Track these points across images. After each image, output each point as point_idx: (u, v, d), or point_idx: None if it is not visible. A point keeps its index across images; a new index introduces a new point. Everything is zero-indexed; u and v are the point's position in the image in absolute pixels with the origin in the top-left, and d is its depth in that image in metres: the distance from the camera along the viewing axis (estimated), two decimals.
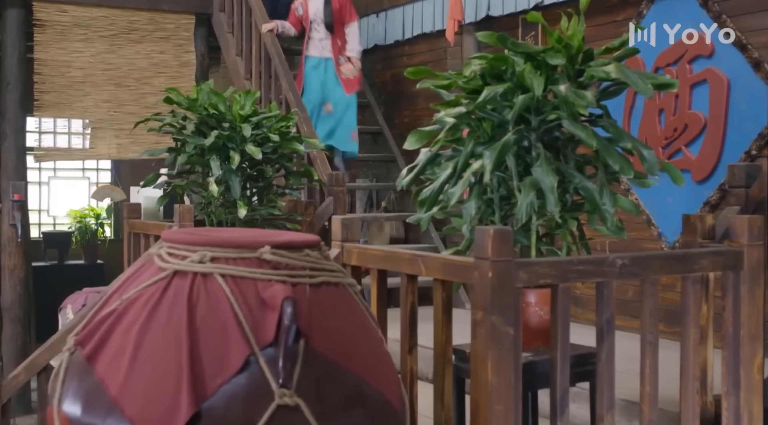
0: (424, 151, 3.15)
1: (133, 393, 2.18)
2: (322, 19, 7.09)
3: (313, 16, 7.16)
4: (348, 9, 7.17)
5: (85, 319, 2.44)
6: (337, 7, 7.12)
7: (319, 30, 7.11)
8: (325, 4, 7.10)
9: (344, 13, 7.17)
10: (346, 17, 7.18)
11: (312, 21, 7.15)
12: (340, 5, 7.13)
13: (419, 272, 2.80)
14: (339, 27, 7.15)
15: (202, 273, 2.28)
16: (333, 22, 7.12)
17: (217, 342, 2.20)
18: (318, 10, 7.14)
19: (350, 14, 7.20)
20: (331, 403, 2.23)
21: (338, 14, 7.12)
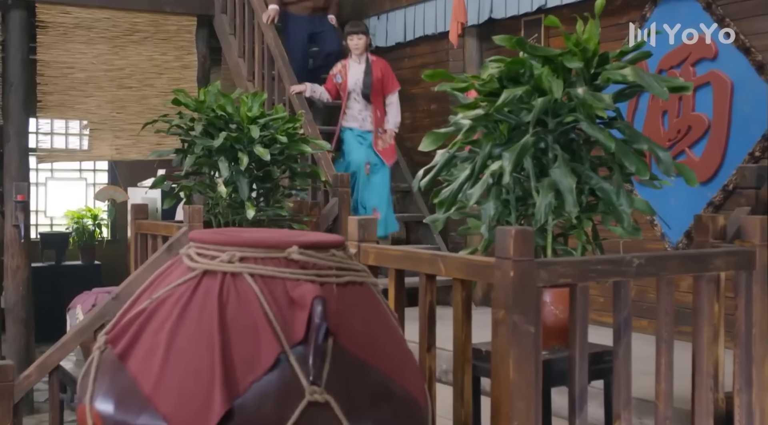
0: (441, 153, 3.20)
1: (167, 391, 2.21)
2: (362, 89, 6.76)
3: (352, 86, 6.81)
4: (390, 79, 6.85)
5: (115, 318, 2.47)
6: (378, 76, 6.80)
7: (359, 100, 6.79)
8: (365, 73, 6.77)
9: (386, 83, 6.84)
10: (387, 87, 6.86)
11: (351, 91, 6.81)
12: (381, 75, 6.82)
13: (439, 272, 2.84)
14: (379, 98, 6.82)
15: (232, 272, 2.32)
16: (372, 93, 6.79)
17: (248, 340, 2.24)
18: (358, 80, 6.79)
19: (392, 84, 6.88)
20: (360, 400, 2.27)
21: (379, 84, 6.78)
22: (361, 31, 6.81)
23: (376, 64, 6.84)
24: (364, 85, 6.72)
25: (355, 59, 6.83)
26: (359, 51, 6.79)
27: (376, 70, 6.80)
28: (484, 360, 3.17)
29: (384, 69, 6.84)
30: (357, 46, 6.77)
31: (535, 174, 2.87)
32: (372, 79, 6.76)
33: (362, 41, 6.78)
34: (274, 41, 6.82)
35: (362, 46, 6.79)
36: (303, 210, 5.61)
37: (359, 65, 6.80)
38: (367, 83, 6.73)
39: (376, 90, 6.79)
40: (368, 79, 6.74)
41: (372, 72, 6.78)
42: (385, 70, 6.84)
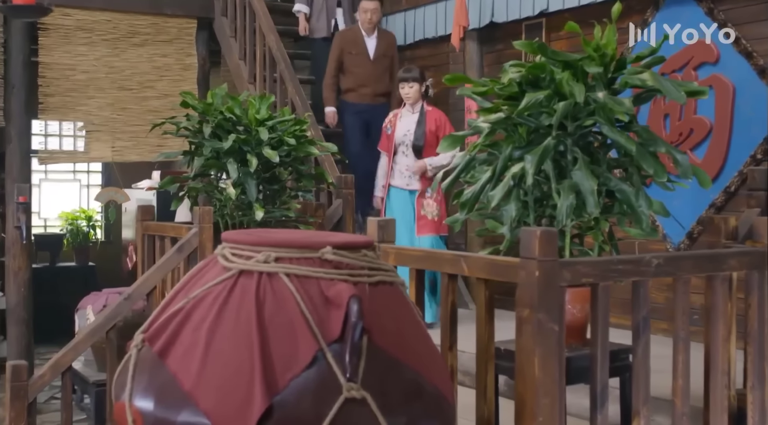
0: (460, 155, 3.26)
1: (207, 387, 2.27)
2: (411, 141, 6.08)
3: (400, 138, 6.13)
4: (447, 131, 5.99)
5: (150, 317, 2.52)
6: (432, 129, 6.06)
7: (407, 155, 6.11)
8: (417, 124, 6.08)
9: (442, 135, 5.84)
10: None
11: (399, 144, 6.14)
12: (436, 126, 6.08)
13: (461, 271, 2.90)
14: (431, 152, 6.01)
15: (268, 272, 2.38)
16: (426, 147, 6.06)
17: (286, 338, 2.29)
18: (408, 131, 6.10)
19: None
20: (394, 397, 2.33)
21: (433, 138, 6.00)
22: (413, 78, 6.11)
23: (431, 115, 6.13)
24: (416, 136, 6.04)
25: (408, 109, 6.18)
26: (411, 100, 6.13)
27: (431, 121, 6.08)
28: (502, 358, 3.25)
29: (440, 120, 6.12)
30: (408, 95, 6.12)
31: (555, 176, 2.93)
32: (425, 130, 6.05)
33: (413, 89, 6.11)
34: (276, 44, 6.87)
35: (414, 94, 6.12)
36: (308, 211, 5.67)
37: (412, 115, 6.14)
38: (419, 135, 6.04)
39: (429, 143, 6.01)
40: (420, 129, 6.05)
41: (426, 122, 6.07)
42: (441, 121, 6.13)
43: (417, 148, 6.03)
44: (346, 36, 7.17)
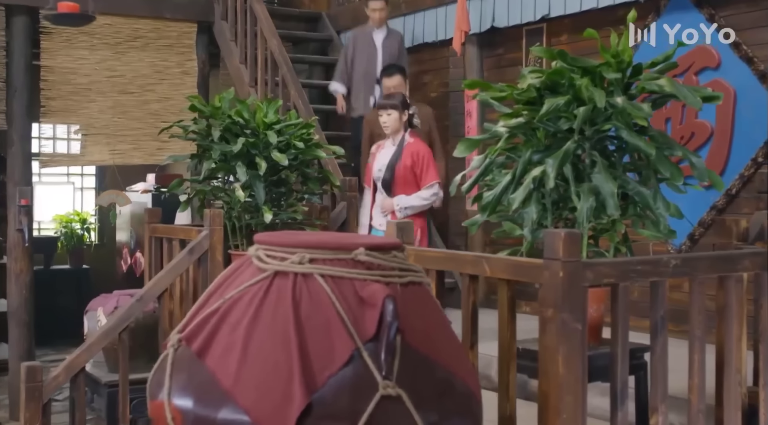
0: (477, 158, 3.33)
1: (247, 385, 2.33)
2: (382, 177, 5.46)
3: (376, 173, 5.50)
4: (425, 167, 5.36)
5: (186, 318, 2.58)
6: (408, 163, 5.37)
7: (382, 192, 5.53)
8: (392, 156, 5.42)
9: (420, 172, 5.35)
10: (422, 177, 5.38)
11: (376, 179, 5.52)
12: (413, 161, 5.37)
13: (483, 272, 2.97)
14: (406, 189, 5.40)
15: (303, 273, 2.44)
16: (396, 183, 5.40)
17: (323, 337, 2.36)
18: (383, 166, 5.46)
19: (428, 174, 5.37)
20: (426, 394, 2.40)
21: (408, 173, 5.37)
22: (391, 105, 5.41)
23: (409, 148, 5.40)
24: (385, 170, 5.39)
25: (390, 140, 5.51)
26: (390, 129, 5.43)
27: (407, 155, 5.35)
28: (520, 357, 3.31)
29: (418, 154, 5.36)
30: (386, 124, 5.43)
31: (573, 179, 3.01)
32: (399, 164, 5.36)
33: (392, 117, 5.40)
34: (278, 48, 6.92)
35: (392, 123, 5.41)
36: (313, 213, 5.73)
37: (392, 147, 5.48)
38: (389, 169, 5.37)
39: (403, 180, 5.37)
40: (392, 163, 5.37)
41: (401, 156, 5.36)
42: (421, 155, 5.36)
43: (385, 183, 5.36)
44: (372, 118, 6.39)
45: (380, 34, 7.09)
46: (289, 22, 8.47)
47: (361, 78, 7.07)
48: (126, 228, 11.32)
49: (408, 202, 5.35)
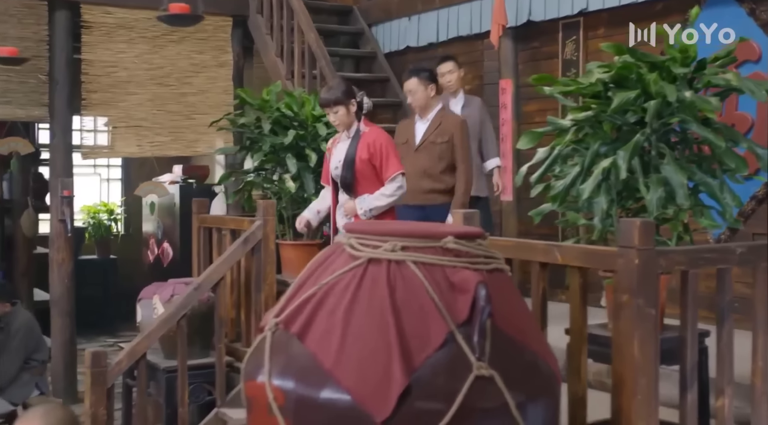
0: (542, 150, 3.45)
1: (348, 366, 2.45)
2: (340, 173, 4.79)
3: (334, 170, 4.83)
4: (386, 157, 4.72)
5: (280, 304, 2.70)
6: (364, 156, 4.72)
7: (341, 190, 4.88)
8: (346, 152, 4.76)
9: (380, 164, 4.72)
10: (383, 169, 4.73)
11: (335, 177, 4.84)
12: (370, 153, 4.72)
13: (554, 260, 3.09)
14: (368, 185, 4.74)
15: (396, 260, 2.56)
16: (358, 180, 4.74)
17: (418, 321, 2.48)
18: (340, 161, 4.79)
19: (390, 164, 4.72)
20: (515, 374, 2.51)
21: (366, 167, 4.73)
22: (334, 101, 4.74)
23: (364, 139, 4.74)
24: (343, 168, 4.73)
25: (346, 132, 4.84)
26: (340, 127, 4.84)
27: (362, 148, 4.71)
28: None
29: (375, 145, 4.72)
30: (335, 122, 4.85)
31: (641, 170, 3.13)
32: (355, 157, 4.71)
33: (339, 115, 4.78)
34: (315, 41, 7.04)
35: (342, 118, 4.78)
36: None
37: (347, 140, 4.83)
38: (347, 166, 4.71)
39: (363, 176, 4.74)
40: (349, 159, 4.71)
41: (357, 149, 4.72)
42: (377, 146, 4.72)
43: (344, 182, 4.73)
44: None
45: (456, 104, 6.11)
46: (321, 15, 8.56)
47: None
48: (153, 218, 11.46)
49: (372, 203, 4.63)
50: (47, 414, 2.43)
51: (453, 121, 5.54)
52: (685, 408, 2.98)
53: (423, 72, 5.57)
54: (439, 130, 5.50)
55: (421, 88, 5.46)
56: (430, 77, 5.57)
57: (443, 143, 5.48)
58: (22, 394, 5.77)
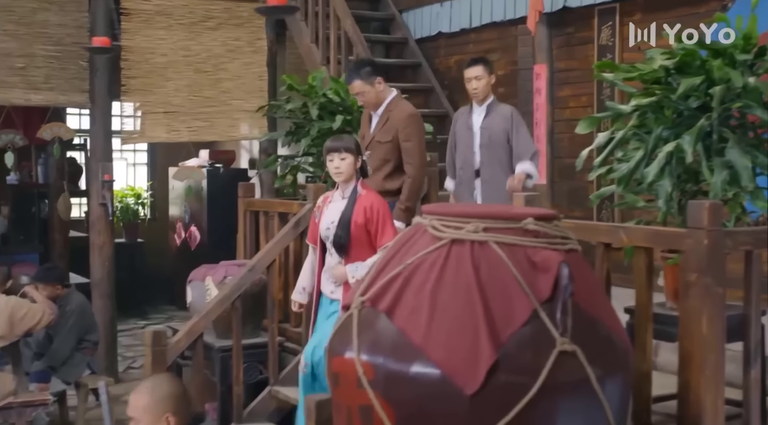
0: (602, 135, 3.55)
1: (437, 342, 2.57)
2: (333, 236, 4.38)
3: (324, 231, 4.44)
4: (383, 224, 4.37)
5: (365, 283, 2.82)
6: (360, 220, 4.34)
7: (332, 253, 4.42)
8: (342, 213, 4.37)
9: (375, 231, 4.37)
10: (378, 237, 4.38)
11: (324, 238, 4.45)
12: (366, 218, 4.34)
13: (619, 242, 3.21)
14: (361, 250, 4.38)
15: (479, 241, 2.67)
16: (353, 245, 4.35)
17: (503, 299, 2.59)
18: (332, 223, 4.39)
19: (383, 233, 4.37)
20: (594, 349, 2.63)
21: (361, 232, 4.34)
22: (345, 148, 4.40)
23: (361, 202, 4.38)
24: (337, 230, 4.34)
25: (339, 191, 4.48)
26: (344, 176, 4.41)
27: (359, 211, 4.35)
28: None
29: (372, 210, 4.37)
30: (339, 170, 4.40)
31: (704, 154, 3.23)
32: (350, 220, 4.33)
33: (347, 162, 4.39)
34: (352, 27, 7.13)
35: (347, 169, 4.40)
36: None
37: (341, 200, 4.44)
38: (342, 229, 4.33)
39: (357, 241, 4.36)
40: (344, 219, 4.33)
41: (353, 212, 4.34)
42: (374, 211, 4.37)
43: (338, 244, 4.35)
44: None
45: (479, 113, 5.50)
46: (352, 1, 8.64)
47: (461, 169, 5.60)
48: (179, 203, 11.60)
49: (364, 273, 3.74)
50: (156, 387, 2.56)
51: (399, 116, 5.06)
52: (748, 384, 3.09)
53: (363, 68, 5.16)
54: (385, 128, 5.14)
55: (367, 86, 5.08)
56: (374, 70, 5.14)
57: (387, 143, 5.12)
58: (75, 374, 5.91)
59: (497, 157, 5.34)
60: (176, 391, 2.58)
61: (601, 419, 2.65)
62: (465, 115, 5.53)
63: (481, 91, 5.41)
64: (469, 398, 2.53)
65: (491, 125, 5.38)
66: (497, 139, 5.34)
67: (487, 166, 5.35)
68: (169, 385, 2.62)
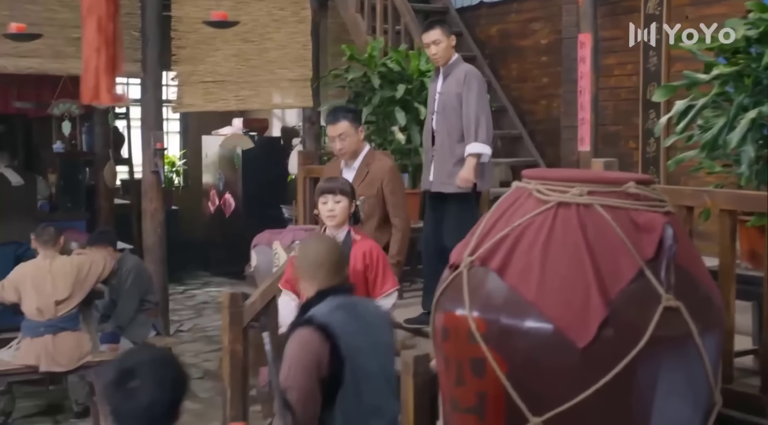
0: (681, 103, 3.69)
1: (549, 298, 2.73)
2: None
3: None
4: (381, 273, 4.11)
5: (471, 243, 2.98)
6: (359, 267, 4.01)
7: None
8: None
9: (374, 277, 4.10)
10: (376, 286, 4.10)
11: None
12: (365, 265, 4.03)
13: (703, 204, 3.36)
14: None
15: (584, 204, 2.83)
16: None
17: (609, 258, 2.75)
18: None
19: (384, 280, 4.12)
20: (695, 306, 2.79)
21: (360, 279, 3.98)
22: (341, 190, 4.10)
23: (359, 248, 4.06)
24: None
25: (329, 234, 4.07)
26: (337, 220, 4.08)
27: (357, 258, 4.02)
28: None
29: (370, 255, 4.10)
30: (333, 213, 4.08)
31: None
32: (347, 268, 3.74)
33: (341, 206, 4.07)
34: None
35: (342, 213, 4.08)
36: None
37: None
38: None
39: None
40: None
41: (349, 257, 3.91)
42: (374, 256, 4.11)
43: None
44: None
45: (440, 78, 5.27)
46: None
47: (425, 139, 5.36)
48: (213, 170, 11.76)
49: None
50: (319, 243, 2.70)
51: (381, 166, 4.75)
52: None
53: (350, 113, 4.99)
54: (366, 181, 4.92)
55: (352, 131, 4.86)
56: (358, 118, 5.02)
57: (371, 197, 4.91)
58: (141, 334, 6.09)
59: (449, 123, 5.10)
60: (333, 248, 2.62)
61: (701, 373, 2.81)
62: (433, 80, 5.29)
63: (441, 55, 5.14)
64: (580, 351, 2.69)
65: (447, 90, 5.14)
66: (450, 105, 5.10)
67: (439, 133, 5.13)
68: (327, 243, 2.66)
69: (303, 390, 2.31)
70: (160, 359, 2.04)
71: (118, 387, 1.96)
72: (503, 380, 2.77)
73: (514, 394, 2.75)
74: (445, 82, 5.12)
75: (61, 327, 5.18)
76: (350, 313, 2.38)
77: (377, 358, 2.33)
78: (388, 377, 2.33)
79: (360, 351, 2.32)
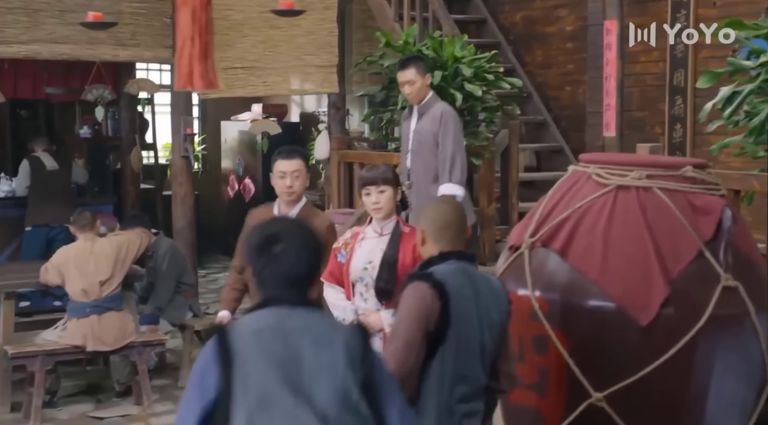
0: (725, 89, 3.78)
1: (612, 278, 2.84)
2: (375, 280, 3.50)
3: (359, 272, 3.56)
4: None
5: (532, 226, 3.08)
6: (408, 261, 3.49)
7: (367, 298, 3.54)
8: (386, 252, 3.53)
9: None
10: None
11: (356, 280, 3.59)
12: (414, 257, 3.41)
13: (751, 188, 3.46)
14: None
15: (643, 187, 2.93)
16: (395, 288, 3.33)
17: (669, 239, 2.85)
18: (370, 263, 3.54)
19: None
20: (751, 286, 2.89)
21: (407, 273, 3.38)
22: (382, 180, 3.63)
23: (408, 239, 3.58)
24: (384, 269, 3.53)
25: (375, 227, 3.66)
26: (383, 213, 3.61)
27: (406, 251, 3.58)
28: None
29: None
30: (378, 206, 3.61)
31: None
32: (397, 261, 3.53)
33: (386, 196, 3.61)
34: None
35: (387, 204, 3.62)
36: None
37: (378, 238, 3.64)
38: (389, 264, 3.53)
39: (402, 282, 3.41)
40: (390, 259, 3.55)
41: (399, 252, 3.59)
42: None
43: (381, 291, 3.53)
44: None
45: (414, 116, 5.12)
46: None
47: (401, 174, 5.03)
48: (232, 155, 11.86)
49: None
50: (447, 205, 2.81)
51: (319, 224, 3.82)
52: None
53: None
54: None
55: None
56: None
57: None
58: (179, 316, 6.18)
59: (424, 162, 4.99)
60: (457, 210, 2.72)
61: (756, 351, 2.92)
62: (407, 117, 5.24)
63: (415, 94, 5.03)
64: (642, 328, 2.80)
65: (422, 128, 5.05)
66: (426, 143, 4.99)
67: (414, 171, 5.06)
68: (452, 206, 2.77)
69: (408, 341, 2.41)
70: (302, 227, 2.14)
71: (262, 252, 2.05)
72: (566, 357, 2.88)
73: (577, 370, 2.86)
74: (420, 120, 5.09)
75: (106, 308, 5.27)
76: (468, 280, 2.48)
77: (480, 331, 2.43)
78: (484, 351, 2.43)
79: (467, 319, 2.42)
